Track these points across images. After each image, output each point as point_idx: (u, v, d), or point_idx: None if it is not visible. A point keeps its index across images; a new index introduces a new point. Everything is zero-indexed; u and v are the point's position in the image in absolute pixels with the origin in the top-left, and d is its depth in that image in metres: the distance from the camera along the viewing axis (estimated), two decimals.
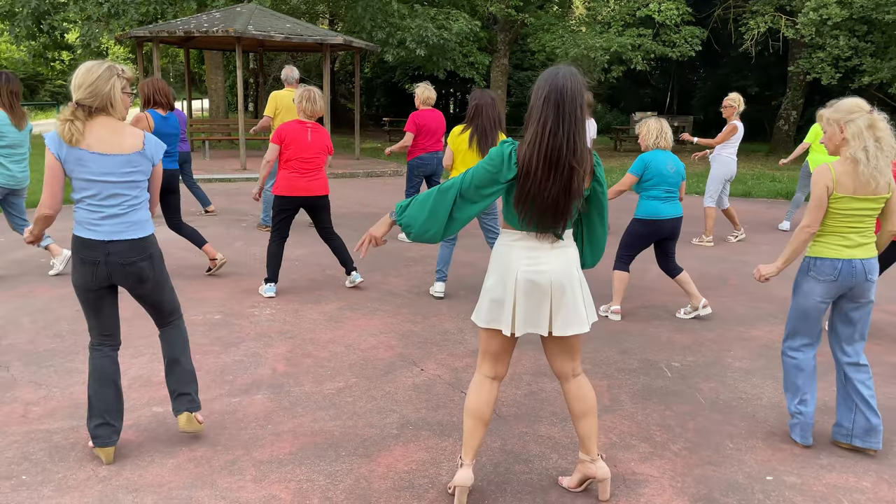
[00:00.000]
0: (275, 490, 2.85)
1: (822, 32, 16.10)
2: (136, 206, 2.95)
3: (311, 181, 5.40)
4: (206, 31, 13.20)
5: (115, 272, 2.93)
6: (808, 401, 3.28)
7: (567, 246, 2.63)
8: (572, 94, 2.44)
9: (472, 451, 2.71)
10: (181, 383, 3.17)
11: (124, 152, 2.88)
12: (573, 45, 16.56)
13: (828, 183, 3.11)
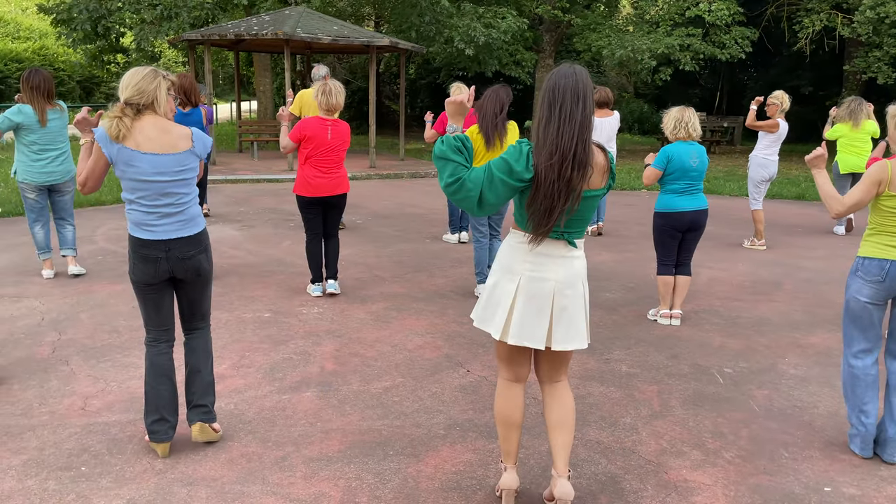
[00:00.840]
0: (324, 487, 2.88)
1: (880, 31, 15.57)
2: (189, 203, 3.04)
3: (332, 179, 5.35)
4: (256, 33, 13.44)
5: (176, 266, 3.02)
6: (869, 411, 3.18)
7: (576, 256, 2.55)
8: (563, 90, 2.40)
9: (511, 455, 2.69)
10: (199, 394, 3.18)
11: (176, 151, 2.95)
12: (619, 45, 16.36)
13: (882, 178, 3.04)
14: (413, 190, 12.02)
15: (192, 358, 3.21)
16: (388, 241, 7.73)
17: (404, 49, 14.92)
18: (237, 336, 4.62)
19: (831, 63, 21.16)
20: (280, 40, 13.49)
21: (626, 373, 4.16)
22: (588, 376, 4.10)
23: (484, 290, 2.64)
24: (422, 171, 14.10)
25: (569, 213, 2.43)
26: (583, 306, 2.56)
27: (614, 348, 4.56)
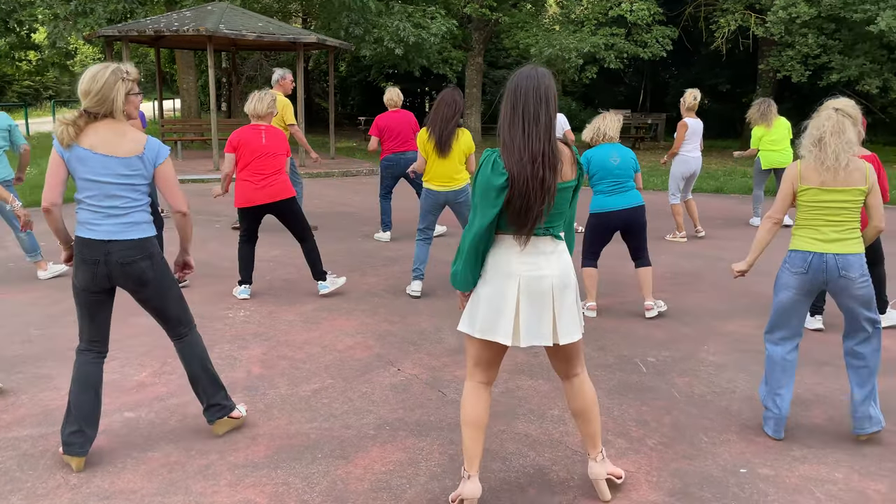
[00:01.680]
0: (250, 494, 2.81)
1: (792, 31, 16.32)
2: (135, 208, 2.96)
3: (269, 186, 5.25)
4: (177, 30, 13.03)
5: (115, 272, 2.93)
6: (783, 395, 3.32)
7: (564, 250, 2.63)
8: (526, 92, 2.46)
9: (477, 460, 2.67)
10: (207, 395, 3.22)
11: (122, 155, 2.89)
12: (547, 44, 16.62)
13: (792, 178, 3.26)
14: (344, 188, 11.91)
15: (188, 365, 3.19)
16: (319, 240, 7.63)
17: (332, 46, 14.76)
18: (160, 342, 4.47)
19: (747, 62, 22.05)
20: (203, 37, 13.12)
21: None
22: (517, 370, 4.14)
23: (475, 300, 2.61)
24: (353, 169, 13.98)
25: (546, 210, 2.49)
26: (575, 299, 2.62)
27: None
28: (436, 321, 5.02)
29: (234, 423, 3.30)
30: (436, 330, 4.84)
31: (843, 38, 16.47)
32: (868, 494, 2.88)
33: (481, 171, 2.50)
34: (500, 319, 2.54)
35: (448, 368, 4.15)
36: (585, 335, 4.76)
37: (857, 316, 3.25)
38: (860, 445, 3.29)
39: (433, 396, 3.77)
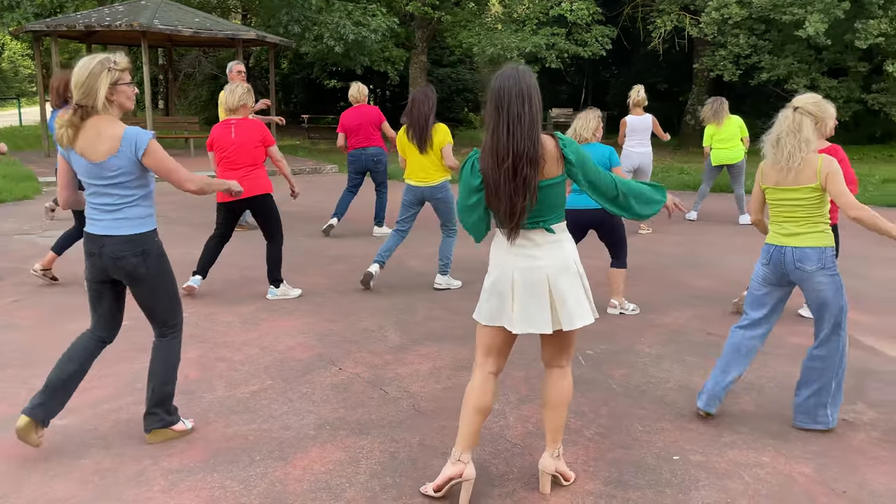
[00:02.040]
0: (185, 499, 2.75)
1: (724, 31, 16.85)
2: (127, 205, 2.97)
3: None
4: (109, 25, 12.64)
5: (110, 266, 2.99)
6: (728, 373, 3.47)
7: (562, 240, 2.68)
8: (508, 92, 2.53)
9: (472, 439, 2.74)
10: (150, 402, 3.17)
11: (98, 160, 2.88)
12: (489, 43, 16.73)
13: (756, 177, 3.47)
14: (287, 187, 11.74)
15: (151, 362, 3.18)
16: (261, 239, 7.50)
17: (272, 43, 14.55)
18: None
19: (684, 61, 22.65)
20: (136, 32, 12.75)
21: None
22: (460, 366, 4.17)
23: (483, 291, 2.75)
24: (296, 167, 13.81)
25: (529, 206, 2.56)
26: (580, 285, 2.68)
27: None
28: (379, 319, 5.01)
29: (172, 435, 3.22)
30: (379, 328, 4.82)
31: (773, 39, 17.10)
32: (794, 477, 3.00)
33: (462, 169, 2.67)
34: (504, 306, 2.66)
35: (390, 367, 4.15)
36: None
37: (816, 314, 3.41)
38: (787, 430, 3.43)
39: (375, 395, 3.76)
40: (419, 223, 8.79)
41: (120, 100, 2.93)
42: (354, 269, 6.39)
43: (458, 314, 5.16)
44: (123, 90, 2.93)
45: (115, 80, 2.89)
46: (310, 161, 14.99)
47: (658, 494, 2.85)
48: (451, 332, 4.77)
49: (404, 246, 7.45)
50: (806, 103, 3.36)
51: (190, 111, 25.62)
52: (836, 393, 3.39)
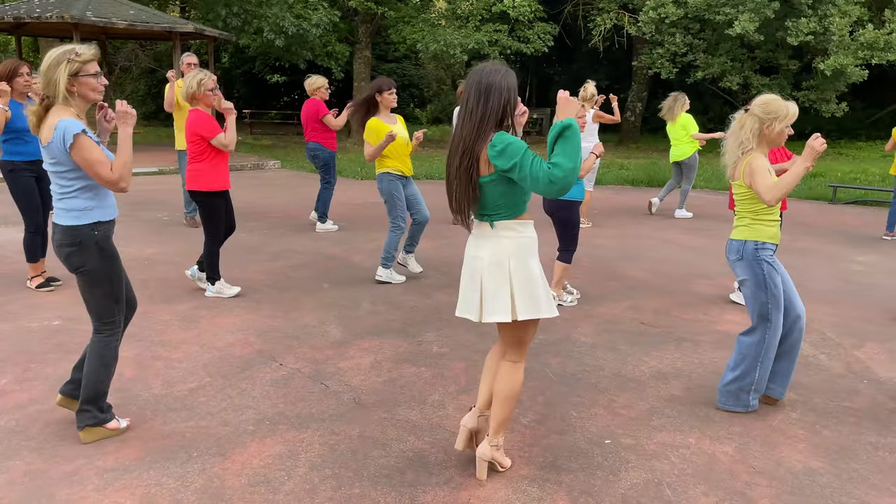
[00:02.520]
0: (119, 498, 2.72)
1: (661, 30, 17.31)
2: (67, 195, 2.98)
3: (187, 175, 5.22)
4: (39, 16, 12.19)
5: (58, 254, 3.05)
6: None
7: (504, 236, 2.71)
8: (469, 87, 2.66)
9: (482, 399, 3.03)
10: (82, 399, 3.14)
11: (43, 144, 2.94)
12: (433, 39, 16.76)
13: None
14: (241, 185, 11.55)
15: (86, 361, 3.16)
16: (200, 236, 7.39)
17: (211, 36, 14.26)
18: (21, 347, 4.21)
19: (624, 59, 23.16)
20: (68, 24, 12.33)
21: (436, 353, 4.33)
22: (401, 359, 4.21)
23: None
24: (237, 164, 13.60)
25: (472, 200, 2.68)
26: (507, 281, 2.70)
27: (427, 331, 4.72)
28: (320, 315, 5.01)
29: (106, 433, 3.18)
30: (320, 324, 4.82)
31: (707, 38, 17.64)
32: (717, 456, 3.15)
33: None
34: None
35: (331, 361, 4.16)
36: (468, 323, 4.89)
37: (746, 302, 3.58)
38: (712, 413, 3.59)
39: (315, 389, 3.77)
40: (362, 219, 8.78)
41: (82, 91, 2.94)
42: (295, 266, 6.37)
43: (400, 308, 5.20)
44: (86, 81, 2.93)
45: (76, 72, 2.89)
46: (252, 157, 14.78)
47: (589, 476, 2.95)
48: (393, 325, 4.81)
49: (347, 242, 7.45)
50: (755, 104, 3.47)
51: None
52: (759, 380, 3.56)
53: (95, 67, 2.96)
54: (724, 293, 5.77)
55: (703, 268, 6.63)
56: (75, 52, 2.89)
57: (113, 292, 3.10)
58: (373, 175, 12.61)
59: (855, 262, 7.00)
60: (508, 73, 2.68)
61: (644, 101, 21.25)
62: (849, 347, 4.58)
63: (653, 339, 4.67)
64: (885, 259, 7.18)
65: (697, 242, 7.80)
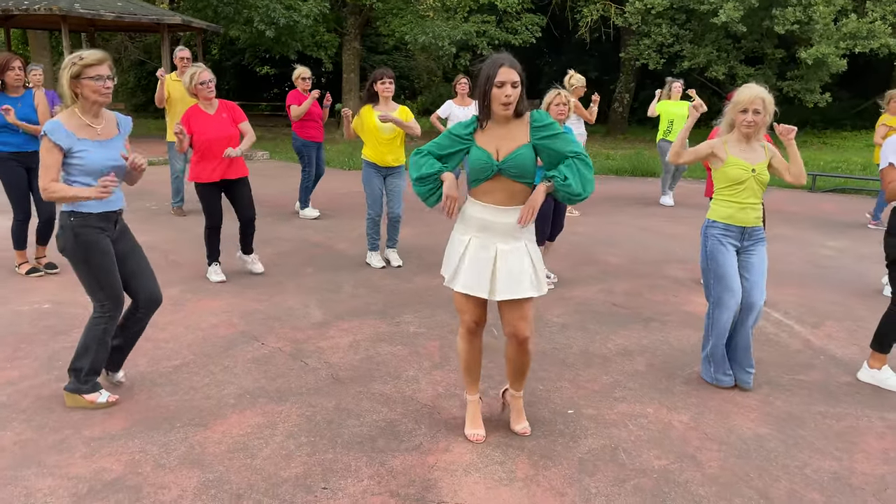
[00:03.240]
0: (105, 463, 2.89)
1: (648, 21, 17.45)
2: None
3: None
4: (27, 9, 12.25)
5: None
6: None
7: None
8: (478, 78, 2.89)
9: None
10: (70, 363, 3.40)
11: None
12: (421, 31, 16.85)
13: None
14: None
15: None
16: (187, 224, 7.54)
17: (199, 28, 14.33)
18: (12, 329, 4.36)
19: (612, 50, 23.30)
20: (56, 16, 12.40)
21: (413, 332, 4.50)
22: (379, 338, 4.38)
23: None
24: None
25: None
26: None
27: (406, 313, 4.89)
28: (303, 298, 5.17)
29: (84, 403, 3.35)
30: (303, 306, 4.99)
31: (693, 29, 17.79)
32: (672, 424, 3.34)
33: None
34: None
35: (312, 341, 4.33)
36: (446, 305, 5.07)
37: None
38: (673, 386, 3.78)
39: (295, 366, 3.94)
40: (347, 208, 8.94)
41: (84, 92, 3.12)
42: (280, 252, 6.52)
43: (380, 292, 5.37)
44: (86, 84, 3.10)
45: (77, 74, 3.08)
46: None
47: (550, 443, 3.14)
48: (373, 308, 4.98)
49: (331, 230, 7.61)
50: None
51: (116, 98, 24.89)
52: (714, 353, 3.74)
53: (98, 71, 3.10)
54: (694, 276, 5.96)
55: (676, 253, 6.82)
56: (79, 56, 3.08)
57: (93, 278, 3.24)
58: (358, 166, 12.74)
59: (826, 248, 7.21)
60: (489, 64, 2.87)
61: (632, 91, 21.40)
62: (809, 326, 4.78)
63: (622, 319, 4.85)
64: (855, 244, 7.39)
65: (674, 230, 7.99)
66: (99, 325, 3.31)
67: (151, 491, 2.72)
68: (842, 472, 2.96)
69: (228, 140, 5.27)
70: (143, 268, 3.43)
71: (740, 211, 3.63)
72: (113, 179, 3.02)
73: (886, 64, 19.37)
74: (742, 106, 3.55)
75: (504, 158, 2.87)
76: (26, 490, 2.70)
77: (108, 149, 3.24)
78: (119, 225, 3.37)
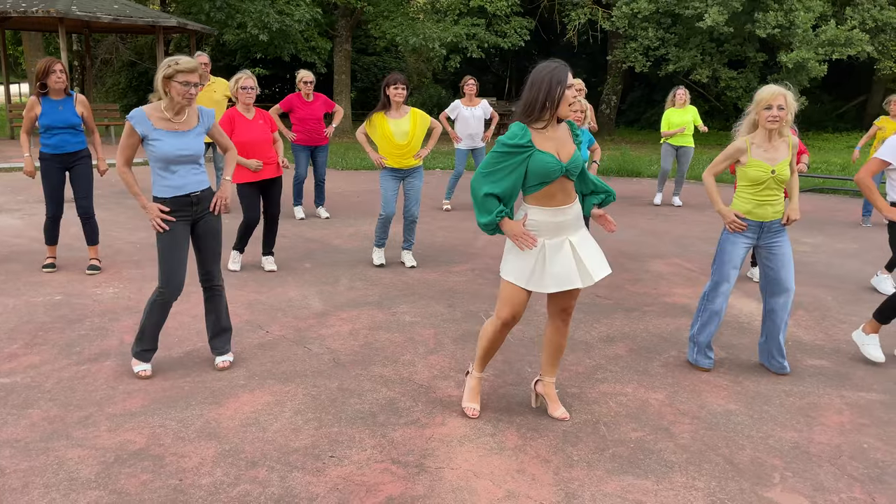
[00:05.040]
0: (129, 436, 3.15)
1: (634, 24, 17.81)
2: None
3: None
4: (25, 11, 12.43)
5: None
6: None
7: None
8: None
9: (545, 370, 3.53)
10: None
11: None
12: (412, 34, 17.14)
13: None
14: (211, 174, 11.89)
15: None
16: None
17: (193, 30, 14.54)
18: (27, 318, 4.60)
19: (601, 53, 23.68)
20: (53, 18, 12.58)
21: (409, 322, 4.78)
22: (376, 327, 4.65)
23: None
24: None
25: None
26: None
27: (401, 304, 5.16)
28: (303, 291, 5.43)
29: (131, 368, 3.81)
30: (303, 298, 5.25)
31: (679, 32, 18.17)
32: (649, 401, 3.63)
33: None
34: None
35: (314, 328, 4.59)
36: (439, 297, 5.34)
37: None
38: (651, 367, 4.07)
39: (299, 352, 4.20)
40: (342, 207, 9.19)
41: (171, 93, 3.50)
42: (279, 248, 6.77)
43: (377, 285, 5.63)
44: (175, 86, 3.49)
45: (170, 76, 3.47)
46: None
47: (537, 418, 3.42)
48: (370, 299, 5.25)
49: (328, 227, 7.86)
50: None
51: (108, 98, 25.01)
52: (699, 332, 4.01)
53: (187, 78, 3.48)
54: (676, 270, 6.26)
55: (659, 249, 7.13)
56: (176, 60, 3.45)
57: (162, 257, 3.62)
58: (353, 166, 13.00)
59: (801, 244, 7.54)
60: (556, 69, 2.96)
61: (619, 94, 21.77)
62: None
63: (604, 309, 5.15)
64: (831, 241, 7.73)
65: (660, 227, 8.30)
66: (153, 297, 3.71)
67: (174, 460, 2.98)
68: (801, 441, 3.26)
69: (265, 144, 5.72)
70: (210, 250, 3.79)
71: (759, 207, 3.84)
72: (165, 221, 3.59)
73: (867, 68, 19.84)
74: (766, 102, 3.70)
75: (569, 160, 3.06)
76: (58, 459, 2.95)
77: (182, 139, 3.57)
78: (200, 206, 3.70)
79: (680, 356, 4.26)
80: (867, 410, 3.60)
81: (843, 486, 2.89)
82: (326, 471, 2.92)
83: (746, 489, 2.86)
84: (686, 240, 7.61)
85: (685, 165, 9.60)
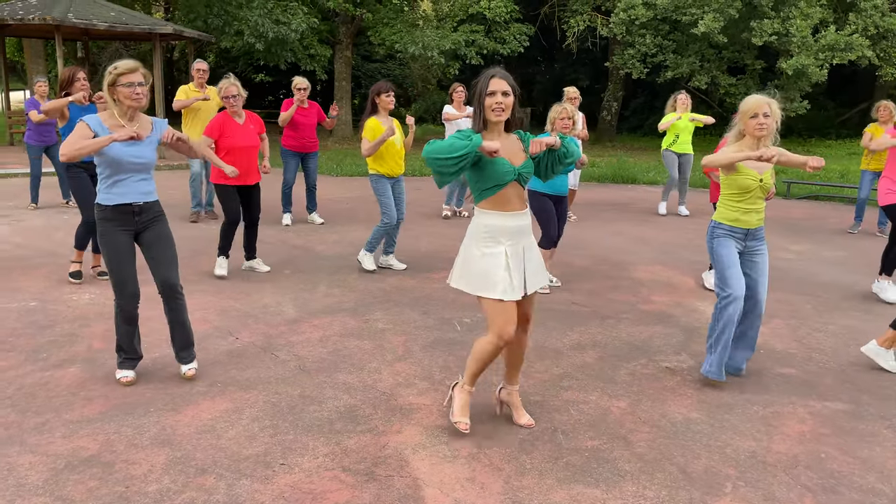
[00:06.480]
0: (83, 443, 3.15)
1: (632, 31, 17.81)
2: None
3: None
4: (22, 18, 12.52)
5: None
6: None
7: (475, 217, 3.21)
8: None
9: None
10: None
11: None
12: (411, 41, 17.18)
13: None
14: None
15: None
16: (185, 229, 7.79)
17: (190, 37, 14.62)
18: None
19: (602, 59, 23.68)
20: (50, 25, 12.67)
21: (380, 329, 4.77)
22: (348, 334, 4.64)
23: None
24: None
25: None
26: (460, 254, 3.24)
27: (376, 311, 5.15)
28: (278, 297, 5.43)
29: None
30: (277, 304, 5.25)
31: (677, 39, 18.15)
32: (611, 410, 3.61)
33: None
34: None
35: (284, 336, 4.59)
36: (414, 304, 5.33)
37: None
38: (616, 375, 4.04)
39: (266, 359, 4.20)
40: (330, 214, 9.21)
41: (119, 98, 3.54)
42: (261, 254, 6.77)
43: (354, 291, 5.63)
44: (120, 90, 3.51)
45: (112, 82, 3.49)
46: None
47: (496, 426, 3.40)
48: (345, 306, 5.24)
49: (312, 233, 7.87)
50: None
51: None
52: (714, 345, 3.87)
53: (129, 79, 3.49)
54: (655, 278, 6.23)
55: (642, 256, 7.10)
56: (114, 66, 3.47)
57: (110, 269, 3.64)
58: (347, 172, 13.03)
59: (786, 251, 7.50)
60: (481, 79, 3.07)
61: (620, 100, 21.76)
62: None
63: (580, 317, 5.13)
64: (817, 248, 7.68)
65: (645, 234, 8.27)
66: (116, 308, 3.73)
67: (123, 466, 2.97)
68: (759, 451, 3.23)
69: (253, 150, 5.85)
70: (162, 256, 3.74)
71: (745, 214, 3.84)
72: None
73: (869, 75, 19.75)
74: (752, 111, 3.71)
75: (522, 164, 3.10)
76: (8, 465, 2.95)
77: (136, 146, 3.58)
78: (143, 216, 3.69)
79: (648, 364, 4.23)
80: (830, 420, 3.57)
81: (795, 497, 2.86)
82: (275, 478, 2.91)
83: (696, 498, 2.84)
84: (670, 246, 7.58)
85: (687, 174, 9.52)
